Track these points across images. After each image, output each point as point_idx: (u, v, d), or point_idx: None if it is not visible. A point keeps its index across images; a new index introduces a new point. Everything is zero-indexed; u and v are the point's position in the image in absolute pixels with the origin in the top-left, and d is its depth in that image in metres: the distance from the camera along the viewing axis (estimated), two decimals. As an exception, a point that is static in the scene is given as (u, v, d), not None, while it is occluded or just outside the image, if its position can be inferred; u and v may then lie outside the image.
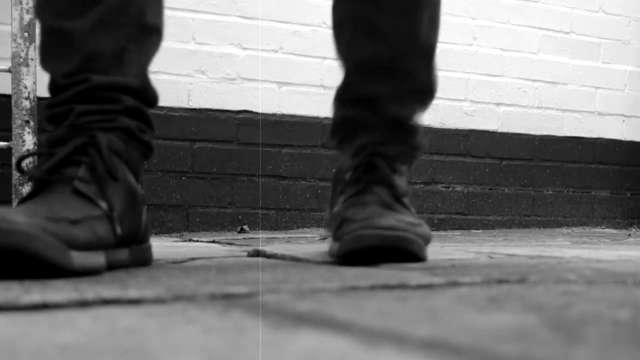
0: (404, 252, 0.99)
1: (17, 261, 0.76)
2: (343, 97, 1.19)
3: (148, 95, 1.01)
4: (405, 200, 1.12)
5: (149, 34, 1.02)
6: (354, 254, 0.98)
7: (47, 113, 0.98)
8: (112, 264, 0.89)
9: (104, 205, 0.90)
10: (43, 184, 0.90)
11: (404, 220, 1.03)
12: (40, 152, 0.96)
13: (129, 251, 0.95)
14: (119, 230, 0.91)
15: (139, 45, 0.99)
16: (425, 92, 1.19)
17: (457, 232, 2.69)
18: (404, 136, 1.16)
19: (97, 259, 0.85)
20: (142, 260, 0.99)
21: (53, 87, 0.99)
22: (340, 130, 1.19)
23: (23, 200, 0.90)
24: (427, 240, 1.08)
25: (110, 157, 0.93)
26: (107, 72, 0.96)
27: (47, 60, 1.00)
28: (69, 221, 0.83)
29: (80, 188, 0.89)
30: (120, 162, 0.95)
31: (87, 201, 0.89)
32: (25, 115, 2.04)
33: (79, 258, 0.81)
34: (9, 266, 0.77)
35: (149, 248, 1.02)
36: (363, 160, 1.12)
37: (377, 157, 1.11)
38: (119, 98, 0.97)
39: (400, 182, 1.13)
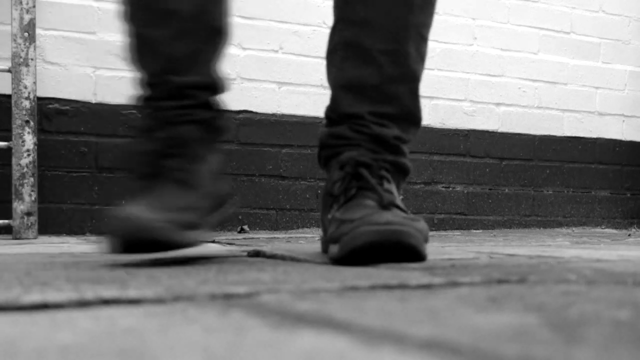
0: (403, 246, 0.99)
1: (148, 247, 1.01)
2: (330, 115, 1.24)
3: (219, 86, 1.21)
4: (398, 203, 1.12)
5: (218, 34, 1.20)
6: (355, 252, 0.99)
7: (137, 106, 1.19)
8: (208, 228, 1.15)
9: (196, 186, 1.13)
10: (151, 177, 1.12)
11: (401, 216, 1.05)
12: (145, 151, 1.16)
13: (217, 213, 1.20)
14: (211, 202, 1.16)
15: (210, 46, 1.19)
16: (409, 118, 1.22)
17: (457, 232, 2.69)
18: (388, 154, 1.18)
19: (205, 234, 1.13)
20: (226, 215, 1.25)
21: (141, 84, 1.18)
22: (327, 147, 1.22)
23: (140, 190, 1.11)
24: (425, 236, 1.07)
25: (193, 146, 1.14)
26: (185, 73, 1.16)
27: (136, 61, 1.19)
28: (179, 208, 1.07)
29: (179, 177, 1.12)
30: (201, 147, 1.16)
31: (187, 188, 1.12)
32: (25, 115, 2.04)
33: (192, 235, 1.07)
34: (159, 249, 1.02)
35: (227, 208, 1.26)
36: (349, 171, 1.14)
37: (362, 167, 1.14)
38: (195, 94, 1.16)
39: (390, 188, 1.14)
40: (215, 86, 1.20)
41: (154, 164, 1.12)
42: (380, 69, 1.18)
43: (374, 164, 1.14)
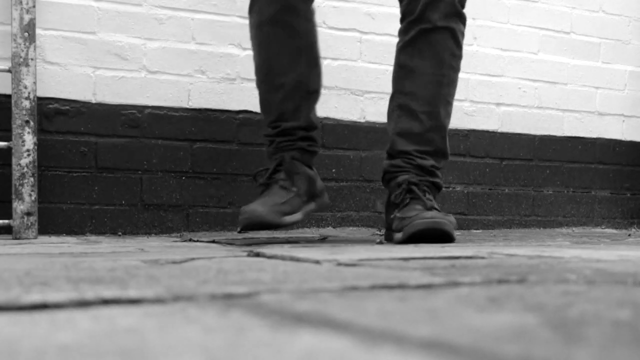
0: (442, 231, 1.68)
1: (262, 227, 1.79)
2: (390, 152, 1.92)
3: (312, 127, 1.92)
4: (436, 206, 1.79)
5: (312, 94, 1.93)
6: (412, 236, 1.67)
7: (266, 140, 1.94)
8: (308, 214, 1.89)
9: (294, 189, 1.84)
10: (266, 185, 1.85)
11: (439, 214, 1.72)
12: (263, 169, 1.91)
13: (314, 203, 1.90)
14: (304, 198, 1.85)
15: (307, 103, 1.92)
16: (439, 154, 1.91)
17: (457, 232, 2.68)
18: (428, 176, 1.86)
19: (296, 217, 1.83)
20: (323, 204, 1.97)
21: (266, 128, 1.94)
22: (388, 173, 1.91)
23: (260, 194, 1.84)
24: (455, 226, 1.77)
25: (292, 164, 1.86)
26: (290, 120, 1.89)
27: (264, 113, 1.95)
28: (280, 203, 1.79)
29: (282, 185, 1.84)
30: (300, 163, 1.87)
31: (286, 190, 1.83)
32: (25, 115, 2.04)
33: (287, 219, 1.80)
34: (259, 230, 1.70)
35: (325, 194, 1.96)
36: (405, 187, 1.83)
37: (413, 185, 1.83)
38: (297, 133, 1.90)
39: (430, 197, 1.82)
40: (311, 126, 1.91)
41: (269, 178, 1.85)
42: (422, 123, 1.88)
43: (420, 183, 1.83)
